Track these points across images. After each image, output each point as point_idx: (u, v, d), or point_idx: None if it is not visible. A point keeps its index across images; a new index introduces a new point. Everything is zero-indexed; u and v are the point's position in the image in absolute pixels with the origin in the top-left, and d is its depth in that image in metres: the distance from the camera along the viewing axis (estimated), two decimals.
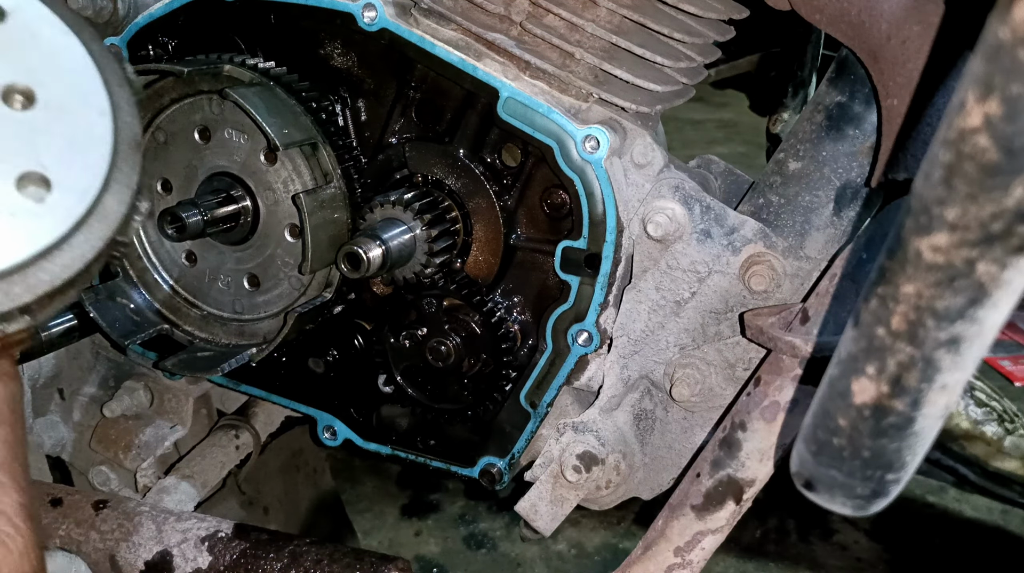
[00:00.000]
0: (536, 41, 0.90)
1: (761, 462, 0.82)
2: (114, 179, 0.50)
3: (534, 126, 0.90)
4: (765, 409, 0.82)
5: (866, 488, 0.52)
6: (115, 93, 0.52)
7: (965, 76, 0.37)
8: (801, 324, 0.80)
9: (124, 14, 1.08)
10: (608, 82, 0.91)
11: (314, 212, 0.94)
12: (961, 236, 0.40)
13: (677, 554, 0.85)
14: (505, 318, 0.98)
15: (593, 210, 0.91)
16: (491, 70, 0.91)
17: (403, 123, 0.98)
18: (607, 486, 0.95)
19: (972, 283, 0.41)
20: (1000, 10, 0.35)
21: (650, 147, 0.92)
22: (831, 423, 0.51)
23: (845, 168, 0.89)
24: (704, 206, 0.90)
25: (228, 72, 0.97)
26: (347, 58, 0.99)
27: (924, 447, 0.51)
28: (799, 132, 0.92)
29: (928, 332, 0.44)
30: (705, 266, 0.91)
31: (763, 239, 0.89)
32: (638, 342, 0.94)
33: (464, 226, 0.98)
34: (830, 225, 0.90)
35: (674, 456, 0.98)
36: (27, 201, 0.48)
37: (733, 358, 0.92)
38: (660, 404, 0.97)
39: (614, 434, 0.94)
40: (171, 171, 1.05)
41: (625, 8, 0.88)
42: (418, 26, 0.92)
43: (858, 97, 0.88)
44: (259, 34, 1.01)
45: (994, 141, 0.36)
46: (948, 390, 0.47)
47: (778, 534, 2.67)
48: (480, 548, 2.49)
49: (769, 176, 0.94)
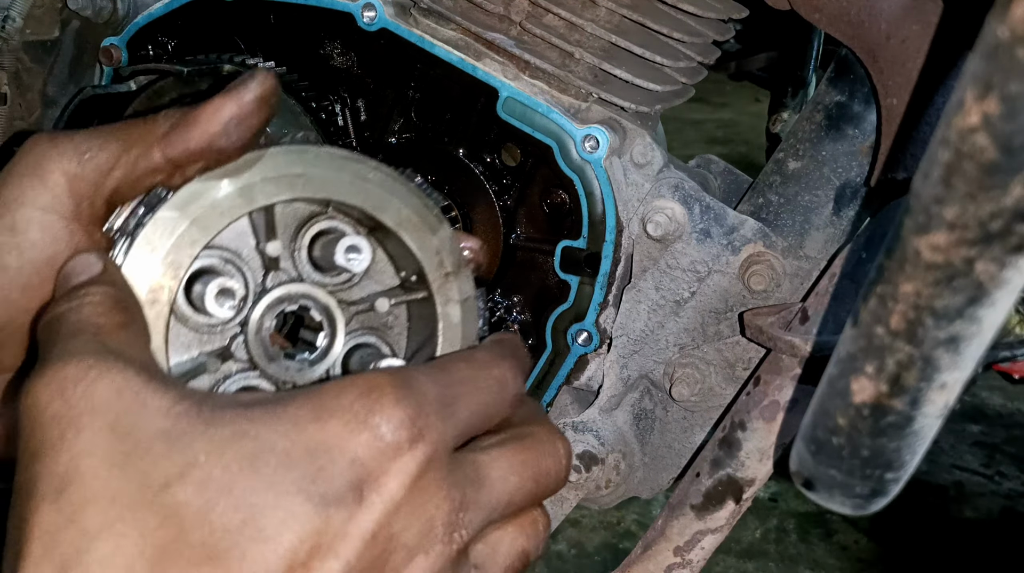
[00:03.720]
0: (535, 41, 0.90)
1: (761, 461, 0.83)
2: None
3: (534, 126, 0.90)
4: (765, 408, 0.82)
5: (865, 487, 0.52)
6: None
7: (964, 75, 0.38)
8: (801, 323, 0.80)
9: (124, 14, 1.08)
10: (608, 82, 0.91)
11: None
12: (960, 235, 0.40)
13: (677, 554, 0.86)
14: (505, 318, 0.98)
15: (593, 210, 0.91)
16: (490, 70, 0.91)
17: (403, 123, 0.98)
18: (607, 486, 0.95)
19: (971, 282, 0.41)
20: (999, 9, 0.35)
21: (650, 147, 0.92)
22: (830, 422, 0.51)
23: (845, 168, 0.89)
24: (704, 206, 0.91)
25: (228, 72, 0.97)
26: (347, 58, 0.99)
27: (924, 446, 0.51)
28: (798, 131, 0.92)
29: (927, 331, 0.44)
30: (705, 266, 0.91)
31: (763, 238, 0.89)
32: (638, 342, 0.94)
33: (464, 226, 0.98)
34: (830, 224, 0.90)
35: (674, 456, 0.98)
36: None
37: (733, 358, 0.92)
38: (660, 404, 0.97)
39: (614, 434, 0.94)
40: None
41: (625, 8, 0.88)
42: (417, 26, 0.92)
43: (858, 97, 0.88)
44: (259, 34, 1.01)
45: (993, 140, 0.37)
46: (947, 389, 0.47)
47: (778, 534, 2.67)
48: None
49: (768, 176, 0.94)
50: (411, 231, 0.62)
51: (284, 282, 0.61)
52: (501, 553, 0.56)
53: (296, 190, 0.59)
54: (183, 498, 0.45)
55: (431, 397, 0.50)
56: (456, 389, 0.52)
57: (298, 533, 0.45)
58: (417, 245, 0.62)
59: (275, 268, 0.61)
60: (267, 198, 0.58)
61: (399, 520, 0.48)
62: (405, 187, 0.62)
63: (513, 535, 0.56)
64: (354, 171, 0.61)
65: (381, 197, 0.61)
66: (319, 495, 0.46)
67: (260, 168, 0.58)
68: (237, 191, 0.57)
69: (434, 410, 0.50)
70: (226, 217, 0.57)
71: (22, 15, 0.99)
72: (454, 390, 0.52)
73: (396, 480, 0.48)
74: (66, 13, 1.02)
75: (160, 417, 0.47)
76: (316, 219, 0.62)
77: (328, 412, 0.48)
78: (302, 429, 0.47)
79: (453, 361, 0.56)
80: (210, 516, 0.45)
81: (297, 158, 0.59)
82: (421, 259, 0.62)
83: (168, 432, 0.46)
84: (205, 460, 0.46)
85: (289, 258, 0.62)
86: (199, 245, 0.57)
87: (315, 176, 0.59)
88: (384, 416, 0.48)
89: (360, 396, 0.48)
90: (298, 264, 0.62)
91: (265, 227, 0.60)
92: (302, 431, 0.47)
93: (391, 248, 0.65)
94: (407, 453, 0.48)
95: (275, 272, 0.61)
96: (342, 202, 0.61)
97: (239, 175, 0.57)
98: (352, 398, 0.48)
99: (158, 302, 0.56)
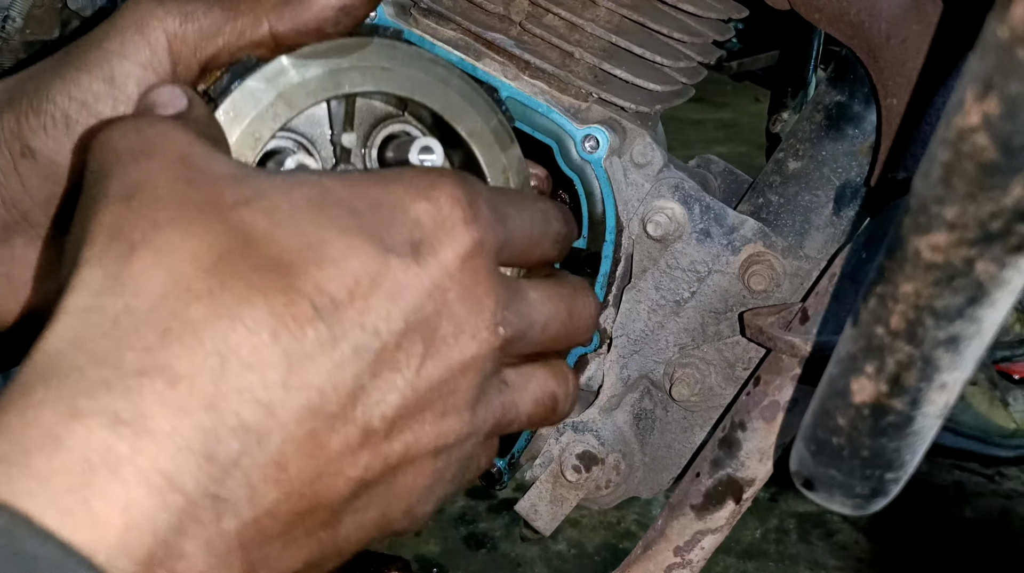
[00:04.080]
0: (535, 41, 0.90)
1: (761, 461, 0.83)
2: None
3: (533, 126, 0.90)
4: (765, 408, 0.82)
5: (865, 487, 0.53)
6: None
7: (964, 75, 0.38)
8: (801, 323, 0.80)
9: None
10: (608, 82, 0.91)
11: None
12: (960, 235, 0.40)
13: (677, 554, 0.86)
14: None
15: (593, 210, 0.91)
16: (490, 70, 0.91)
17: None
18: (607, 486, 0.95)
19: (971, 282, 0.41)
20: (999, 9, 0.35)
21: (650, 147, 0.92)
22: (830, 422, 0.51)
23: (845, 167, 0.89)
24: (704, 206, 0.91)
25: None
26: None
27: (924, 446, 0.51)
28: (798, 131, 0.92)
29: (927, 331, 0.44)
30: (705, 266, 0.91)
31: (763, 238, 0.89)
32: (638, 342, 0.94)
33: None
34: (830, 224, 0.90)
35: (674, 456, 0.98)
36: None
37: (733, 358, 0.92)
38: (660, 404, 0.97)
39: (614, 434, 0.95)
40: None
41: (625, 8, 0.88)
42: (417, 26, 0.92)
43: (858, 96, 0.88)
44: None
45: (993, 140, 0.37)
46: (947, 389, 0.47)
47: (778, 534, 2.67)
48: (480, 548, 2.49)
49: (768, 176, 0.94)
50: (482, 144, 0.64)
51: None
52: (532, 384, 0.57)
53: (381, 83, 0.60)
54: (250, 219, 0.45)
55: (486, 200, 0.52)
56: (507, 206, 0.54)
57: (361, 266, 0.46)
58: (486, 159, 0.64)
59: (346, 161, 0.62)
60: (353, 86, 0.59)
61: (452, 290, 0.49)
62: (484, 101, 0.65)
63: (545, 375, 0.58)
64: (439, 75, 0.63)
65: (460, 106, 0.63)
66: (380, 240, 0.47)
67: (351, 56, 0.59)
68: (326, 73, 0.58)
69: (488, 207, 0.52)
70: (312, 97, 0.58)
71: (22, 15, 0.99)
72: (507, 209, 0.54)
73: (451, 250, 0.49)
74: (66, 13, 1.02)
75: (228, 164, 0.48)
76: (391, 120, 0.63)
77: (391, 180, 0.50)
78: (366, 188, 0.49)
79: (507, 191, 0.59)
80: (276, 235, 0.45)
81: (388, 52, 0.61)
82: (488, 174, 0.64)
83: (235, 174, 0.47)
84: (272, 194, 0.46)
85: (359, 154, 0.63)
86: (281, 119, 0.57)
87: (401, 73, 0.61)
88: (444, 191, 0.49)
89: (422, 174, 0.51)
90: (368, 161, 0.63)
91: (344, 117, 0.61)
92: (366, 189, 0.49)
93: (459, 161, 0.66)
94: (462, 229, 0.49)
95: (345, 165, 0.62)
96: (423, 103, 0.62)
97: (329, 58, 0.59)
98: (415, 174, 0.50)
99: None
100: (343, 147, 0.61)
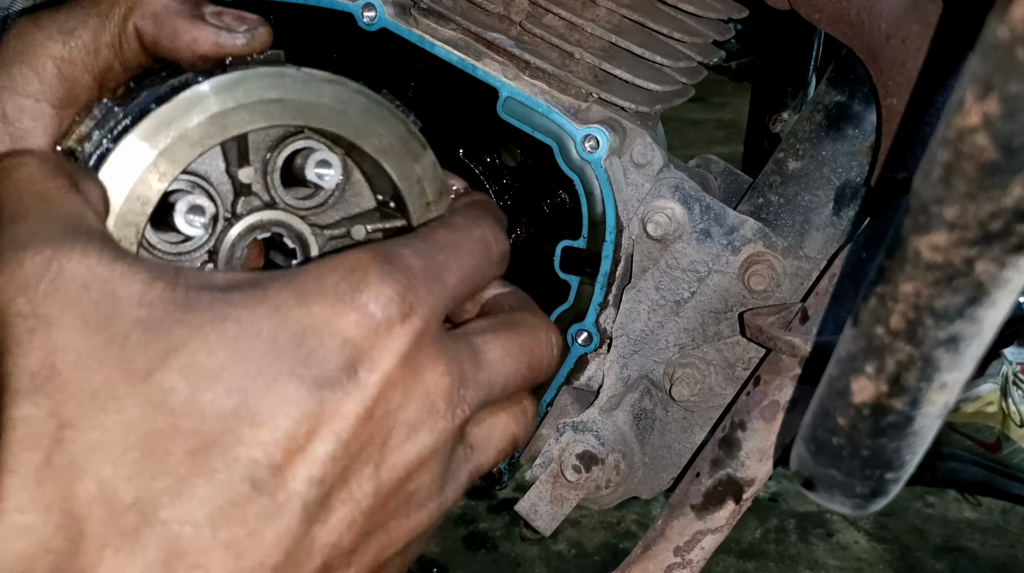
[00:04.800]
0: (535, 41, 0.90)
1: (761, 462, 0.83)
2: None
3: (534, 126, 0.90)
4: (765, 408, 0.82)
5: (865, 487, 0.52)
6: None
7: (964, 75, 0.38)
8: (801, 323, 0.80)
9: None
10: (608, 82, 0.91)
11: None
12: (960, 235, 0.40)
13: (677, 554, 0.86)
14: None
15: (593, 210, 0.91)
16: (491, 70, 0.91)
17: None
18: (607, 486, 0.95)
19: (971, 282, 0.41)
20: (999, 9, 0.35)
21: (650, 147, 0.92)
22: (830, 422, 0.51)
23: (845, 167, 0.89)
24: (704, 206, 0.91)
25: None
26: (346, 58, 0.99)
27: (923, 446, 0.51)
28: (798, 131, 0.92)
29: (927, 331, 0.44)
30: (705, 266, 0.91)
31: (763, 238, 0.89)
32: (638, 342, 0.94)
33: None
34: (830, 224, 0.90)
35: (674, 456, 0.98)
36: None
37: (733, 358, 0.92)
38: (660, 404, 0.97)
39: (614, 434, 0.95)
40: None
41: (625, 8, 0.88)
42: (417, 26, 0.93)
43: (858, 96, 0.88)
44: None
45: (993, 140, 0.37)
46: (947, 389, 0.47)
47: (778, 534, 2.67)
48: (480, 548, 2.49)
49: (768, 176, 0.94)
50: (392, 159, 0.60)
51: (256, 208, 0.59)
52: (495, 436, 0.55)
53: (272, 117, 0.56)
54: (168, 385, 0.43)
55: (417, 269, 0.48)
56: (441, 257, 0.51)
57: (294, 416, 0.44)
58: (398, 173, 0.60)
59: (247, 194, 0.59)
60: (241, 126, 0.56)
61: (396, 396, 0.46)
62: (389, 111, 0.60)
63: (506, 420, 0.56)
64: (334, 95, 0.58)
65: (361, 124, 0.59)
66: (311, 378, 0.44)
67: (235, 94, 0.55)
68: (208, 120, 0.54)
69: (422, 282, 0.48)
70: (197, 147, 0.54)
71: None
72: (439, 259, 0.51)
73: (390, 356, 0.46)
74: None
75: (134, 306, 0.44)
76: (292, 139, 0.59)
77: (312, 295, 0.46)
78: (286, 313, 0.45)
79: (432, 230, 0.54)
80: (199, 402, 0.43)
81: (274, 82, 0.56)
82: (401, 187, 0.60)
83: (144, 321, 0.44)
84: (187, 346, 0.43)
85: (261, 182, 0.59)
86: (168, 178, 0.54)
87: (292, 102, 0.57)
88: (371, 294, 0.46)
89: (344, 276, 0.46)
90: (271, 188, 0.59)
91: (238, 154, 0.58)
92: (286, 315, 0.45)
93: (369, 171, 0.62)
94: (399, 328, 0.46)
95: (246, 198, 0.59)
96: (319, 128, 0.58)
97: (212, 99, 0.55)
98: (336, 279, 0.46)
99: (124, 239, 0.54)
100: (241, 182, 0.58)
